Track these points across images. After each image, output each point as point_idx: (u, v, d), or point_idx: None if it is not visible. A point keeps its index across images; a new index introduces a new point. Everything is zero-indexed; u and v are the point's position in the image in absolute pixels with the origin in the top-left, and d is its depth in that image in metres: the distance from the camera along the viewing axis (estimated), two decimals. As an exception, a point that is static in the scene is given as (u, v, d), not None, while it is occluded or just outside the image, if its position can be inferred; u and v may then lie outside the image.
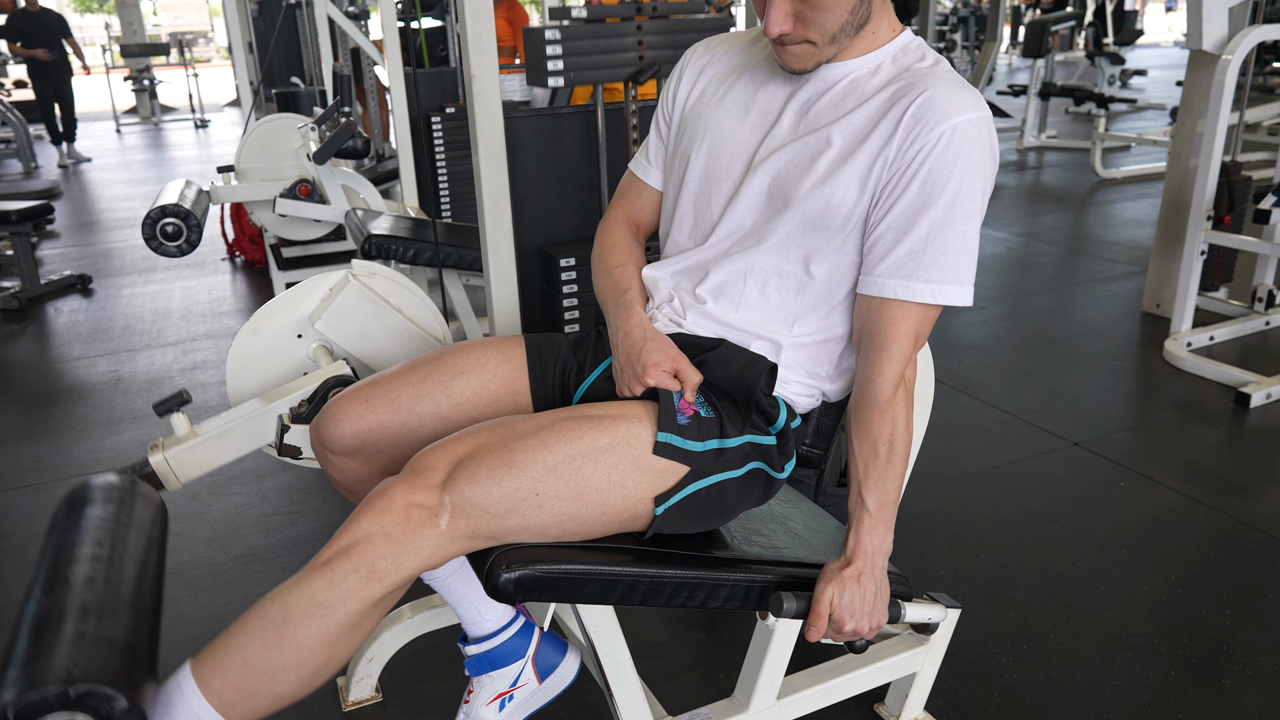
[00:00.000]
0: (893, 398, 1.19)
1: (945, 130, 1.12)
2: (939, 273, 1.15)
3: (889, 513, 1.22)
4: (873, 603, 1.22)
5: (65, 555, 1.20)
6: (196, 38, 20.86)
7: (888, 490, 1.21)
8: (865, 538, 1.21)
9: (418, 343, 2.01)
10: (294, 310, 1.97)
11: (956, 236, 1.14)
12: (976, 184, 1.14)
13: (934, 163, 1.13)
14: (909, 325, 1.18)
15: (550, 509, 1.14)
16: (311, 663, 1.08)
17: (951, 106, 1.13)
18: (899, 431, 1.20)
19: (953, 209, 1.14)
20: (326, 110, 3.55)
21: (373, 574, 1.06)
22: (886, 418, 1.19)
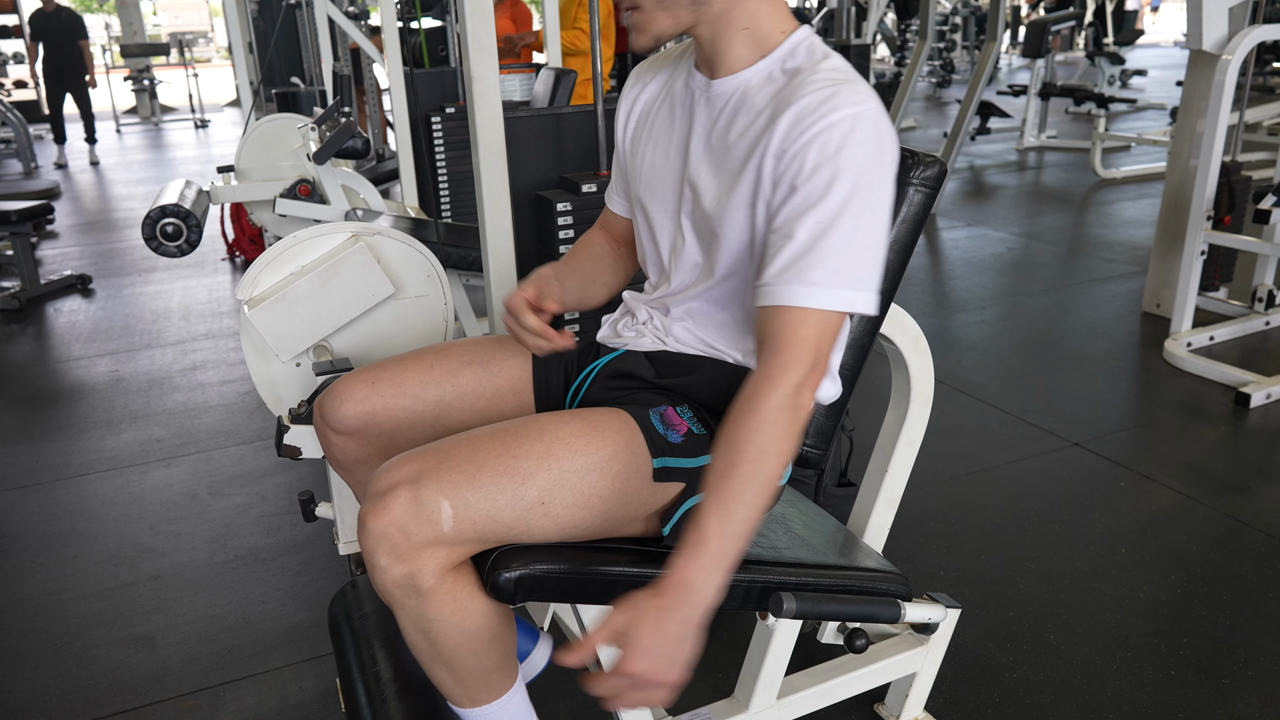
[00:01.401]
0: (777, 411, 1.04)
1: (821, 129, 1.06)
2: (827, 276, 1.05)
3: (730, 547, 1.03)
4: (673, 653, 1.01)
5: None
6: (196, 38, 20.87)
7: (736, 517, 1.03)
8: (689, 569, 1.02)
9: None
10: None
11: (842, 237, 1.05)
12: (862, 180, 1.05)
13: (813, 164, 1.06)
14: (801, 333, 1.06)
15: (555, 517, 1.15)
16: (478, 665, 1.18)
17: (827, 104, 1.06)
18: (770, 450, 1.04)
19: (839, 209, 1.05)
20: (326, 110, 3.55)
21: (405, 596, 1.11)
22: (761, 430, 1.04)
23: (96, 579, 2.23)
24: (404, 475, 1.10)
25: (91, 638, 2.01)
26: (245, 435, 2.98)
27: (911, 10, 10.63)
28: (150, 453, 2.89)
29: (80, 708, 1.81)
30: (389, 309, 2.01)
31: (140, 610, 2.10)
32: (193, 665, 1.91)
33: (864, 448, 1.88)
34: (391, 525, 1.07)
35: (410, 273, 2.01)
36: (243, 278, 1.93)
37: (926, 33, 6.32)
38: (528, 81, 4.57)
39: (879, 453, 1.65)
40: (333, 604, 1.60)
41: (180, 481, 2.70)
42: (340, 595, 1.60)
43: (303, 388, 1.99)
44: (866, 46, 5.00)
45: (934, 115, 10.21)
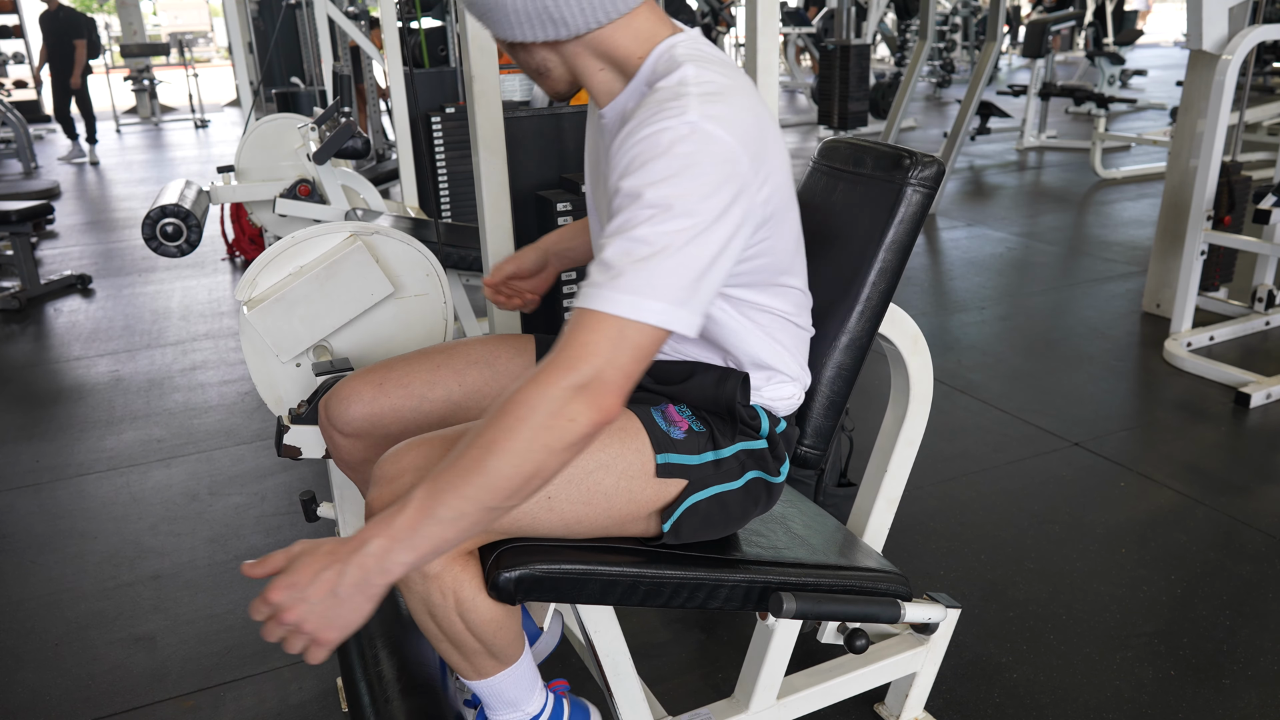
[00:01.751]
0: (532, 408, 0.95)
1: (631, 146, 1.02)
2: (621, 282, 0.97)
3: (428, 528, 0.95)
4: (319, 603, 0.95)
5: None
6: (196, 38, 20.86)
7: (444, 501, 0.95)
8: (374, 529, 0.96)
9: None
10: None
11: (641, 246, 0.97)
12: (663, 193, 0.98)
13: (623, 179, 1.01)
14: (587, 337, 0.97)
15: (559, 512, 1.16)
16: (484, 645, 1.19)
17: (646, 123, 1.02)
18: (503, 446, 0.94)
19: (639, 220, 0.98)
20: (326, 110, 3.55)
21: (412, 579, 1.12)
22: (503, 422, 0.95)
23: (96, 579, 2.23)
24: (411, 463, 1.11)
25: (91, 638, 2.01)
26: (245, 435, 2.98)
27: (911, 10, 10.62)
28: (150, 453, 2.89)
29: (80, 708, 1.81)
30: (389, 309, 2.01)
31: (140, 610, 2.10)
32: (193, 665, 1.91)
33: (864, 448, 1.88)
34: None
35: (410, 272, 2.01)
36: (242, 278, 1.93)
37: (926, 33, 6.32)
38: (528, 81, 4.57)
39: (878, 453, 1.65)
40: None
41: (180, 481, 2.70)
42: None
43: (303, 388, 1.98)
44: (866, 46, 5.01)
45: (934, 115, 10.21)
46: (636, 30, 1.12)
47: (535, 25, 1.09)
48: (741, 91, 1.08)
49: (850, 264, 1.39)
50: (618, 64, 1.14)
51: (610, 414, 0.98)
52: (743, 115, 1.04)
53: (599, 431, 0.98)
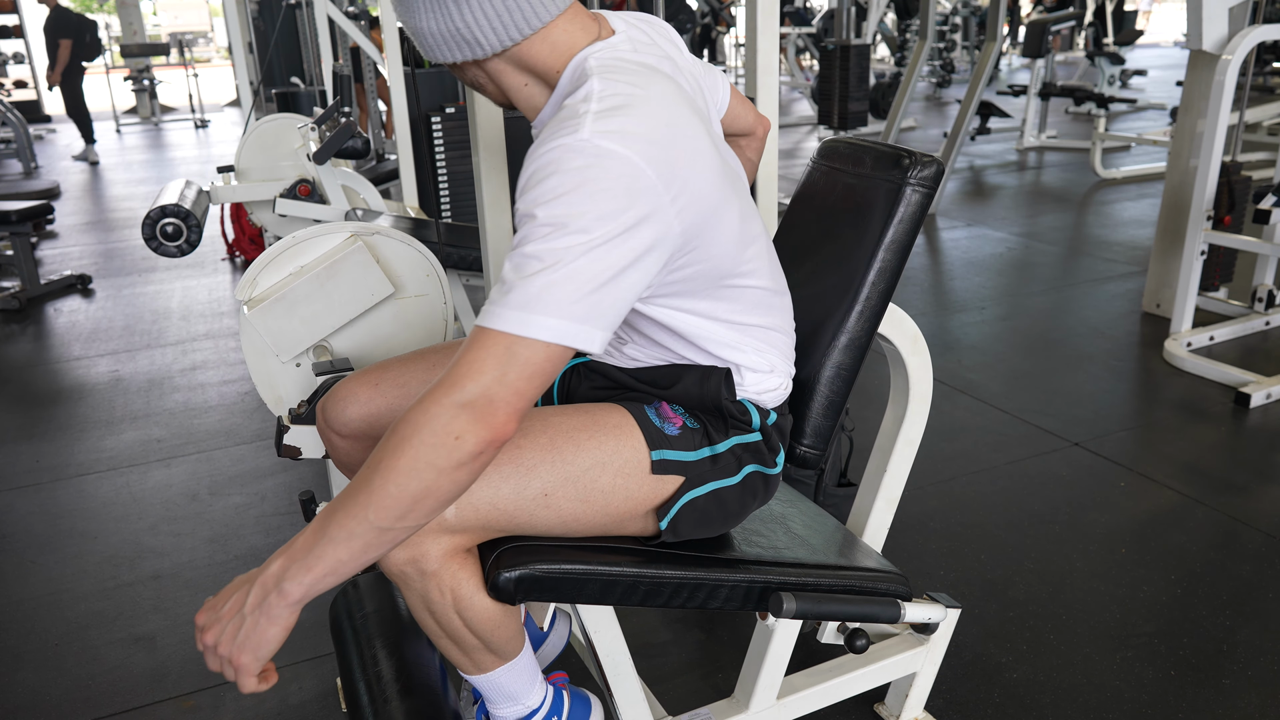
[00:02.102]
0: (415, 428, 0.93)
1: (528, 165, 1.01)
2: (510, 298, 0.95)
3: (322, 549, 0.94)
4: (229, 623, 0.97)
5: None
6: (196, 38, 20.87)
7: (334, 520, 0.95)
8: (280, 551, 0.97)
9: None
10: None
11: (533, 261, 0.95)
12: (554, 212, 0.96)
13: (522, 196, 1.00)
14: (478, 353, 0.95)
15: (557, 510, 1.16)
16: (484, 641, 1.20)
17: (543, 143, 1.00)
18: (386, 467, 0.93)
19: (531, 237, 0.97)
20: (326, 110, 3.55)
21: (410, 576, 1.13)
22: (391, 442, 0.94)
23: (96, 579, 2.23)
24: None
25: (91, 638, 2.01)
26: (245, 435, 2.98)
27: (911, 10, 10.62)
28: (150, 453, 2.89)
29: (80, 708, 1.81)
30: (389, 309, 2.01)
31: (140, 610, 2.10)
32: (193, 665, 1.91)
33: (864, 448, 1.88)
34: None
35: (410, 273, 2.01)
36: (242, 278, 1.93)
37: (926, 33, 6.32)
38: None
39: (878, 452, 1.65)
40: (334, 604, 1.60)
41: (180, 481, 2.70)
42: (341, 595, 1.60)
43: (303, 388, 1.98)
44: (866, 46, 5.00)
45: (934, 115, 10.21)
46: (554, 43, 1.10)
47: (452, 47, 1.08)
48: (648, 101, 1.04)
49: (849, 263, 1.39)
50: (540, 77, 1.13)
51: (501, 432, 0.95)
52: (645, 126, 1.01)
53: (491, 449, 0.95)
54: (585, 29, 1.12)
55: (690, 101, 1.12)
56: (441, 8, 1.05)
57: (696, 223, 1.06)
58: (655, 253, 1.02)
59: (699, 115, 1.11)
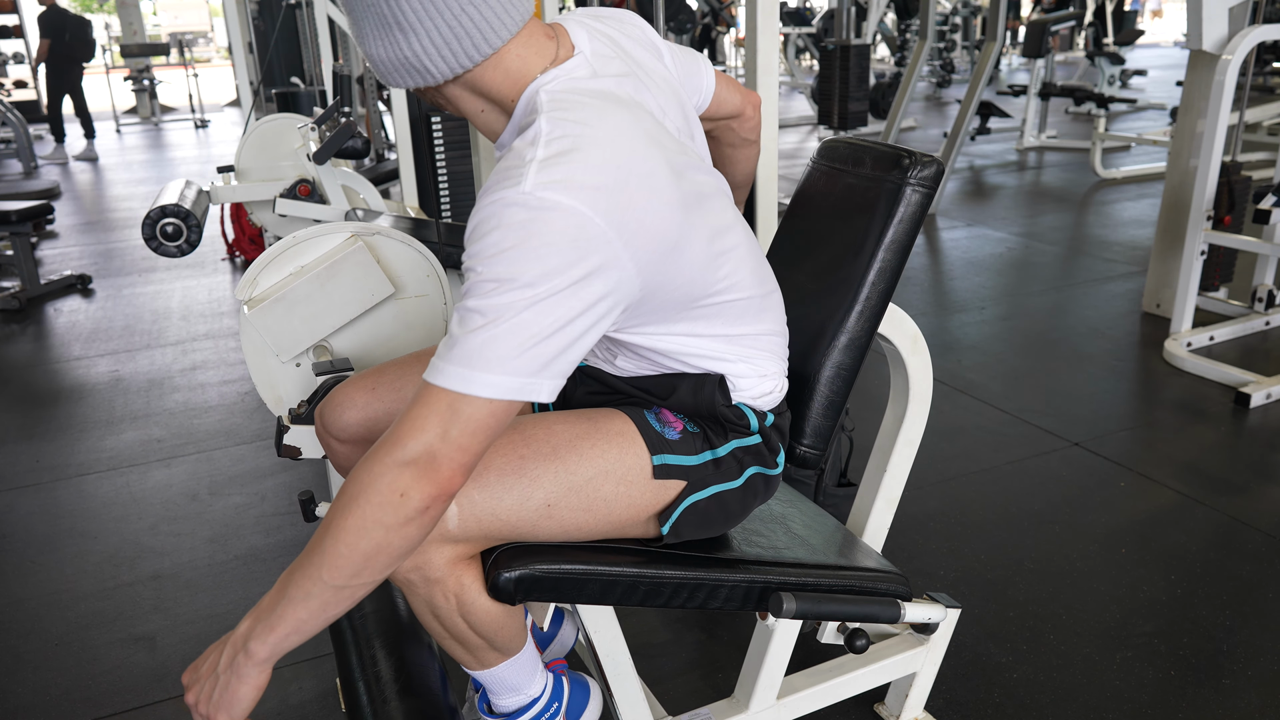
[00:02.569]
0: (364, 486, 0.94)
1: (475, 210, 0.99)
2: (453, 354, 0.94)
3: (284, 609, 0.97)
4: (206, 681, 1.00)
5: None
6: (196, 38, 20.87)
7: (292, 580, 0.97)
8: (250, 615, 1.00)
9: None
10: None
11: (475, 317, 0.94)
12: (494, 270, 0.94)
13: (467, 247, 0.98)
14: (423, 410, 0.95)
15: (559, 519, 1.16)
16: (487, 641, 1.21)
17: (485, 194, 0.98)
18: (336, 527, 0.94)
19: (482, 291, 0.94)
20: (326, 110, 3.55)
21: (415, 583, 1.13)
22: (340, 501, 0.96)
23: (96, 579, 2.23)
24: None
25: (91, 638, 2.01)
26: (245, 435, 2.98)
27: (911, 10, 10.62)
28: (150, 453, 2.89)
29: (80, 707, 1.81)
30: (389, 309, 2.01)
31: (140, 610, 2.10)
32: (193, 665, 1.91)
33: (864, 448, 1.88)
34: None
35: (410, 273, 2.01)
36: (242, 278, 1.93)
37: (926, 33, 6.32)
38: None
39: (878, 452, 1.65)
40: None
41: (180, 481, 2.70)
42: None
43: (303, 388, 1.98)
44: (866, 46, 5.00)
45: (934, 115, 10.21)
46: (507, 69, 1.07)
47: (404, 74, 1.07)
48: (597, 143, 0.99)
49: (849, 263, 1.39)
50: (496, 103, 1.11)
51: (447, 487, 0.95)
52: (592, 173, 0.97)
53: (439, 503, 0.96)
54: (540, 51, 1.08)
55: (648, 130, 1.06)
56: (389, 37, 1.03)
57: (655, 261, 1.03)
58: (609, 299, 0.99)
59: (658, 142, 1.06)
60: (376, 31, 1.03)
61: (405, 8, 1.00)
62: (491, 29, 1.04)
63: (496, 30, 1.04)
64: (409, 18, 1.01)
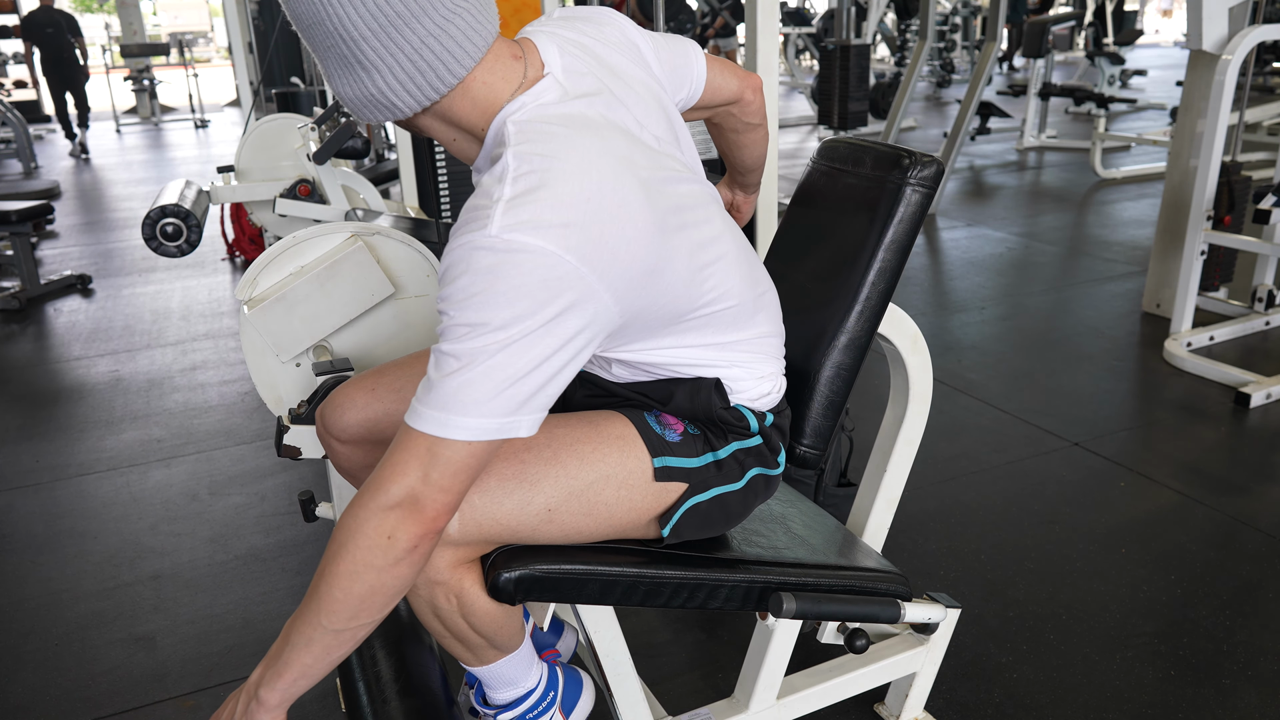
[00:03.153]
0: (353, 532, 0.96)
1: (446, 252, 0.98)
2: (430, 397, 0.95)
3: (285, 656, 1.00)
4: None
5: None
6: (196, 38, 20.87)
7: (294, 627, 1.00)
8: (262, 663, 1.03)
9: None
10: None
11: (450, 360, 0.94)
12: (467, 315, 0.93)
13: (440, 289, 0.98)
14: (404, 455, 0.96)
15: (560, 523, 1.16)
16: (488, 640, 1.22)
17: (461, 229, 0.97)
18: (329, 573, 0.97)
19: (456, 335, 0.94)
20: (326, 110, 3.55)
21: (417, 584, 1.14)
22: (331, 548, 0.98)
23: (96, 579, 2.23)
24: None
25: (91, 638, 2.01)
26: (245, 435, 2.98)
27: (911, 10, 10.62)
28: (150, 453, 2.89)
29: (80, 707, 1.81)
30: (389, 309, 2.01)
31: (140, 610, 2.10)
32: (193, 665, 1.91)
33: (864, 448, 1.88)
34: None
35: (410, 273, 2.01)
36: (242, 278, 1.93)
37: (926, 33, 6.32)
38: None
39: (878, 452, 1.65)
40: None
41: (180, 481, 2.70)
42: None
43: (303, 388, 1.99)
44: (866, 46, 5.00)
45: (934, 115, 10.21)
46: (474, 98, 1.06)
47: (373, 110, 1.06)
48: (564, 176, 0.97)
49: (849, 263, 1.39)
50: (468, 131, 1.10)
51: (433, 525, 0.97)
52: (560, 210, 0.95)
53: (428, 541, 0.98)
54: (507, 76, 1.06)
55: (619, 154, 1.03)
56: (353, 75, 1.02)
57: (633, 289, 1.02)
58: (586, 333, 0.98)
59: (629, 166, 1.03)
60: (340, 71, 1.02)
61: (365, 47, 0.99)
62: (454, 58, 1.02)
63: (460, 59, 1.02)
64: (369, 56, 1.00)
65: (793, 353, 1.38)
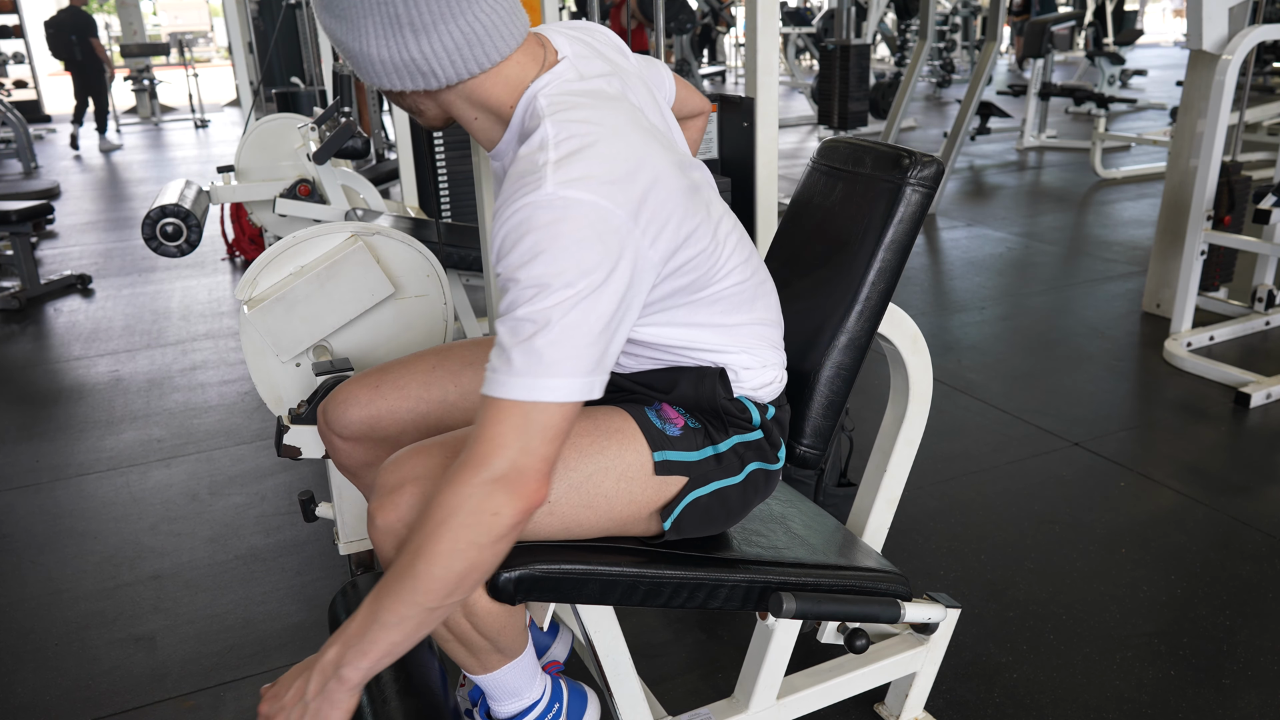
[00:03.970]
0: (452, 510, 0.96)
1: (499, 229, 1.00)
2: (514, 366, 0.96)
3: (375, 633, 0.99)
4: (298, 712, 1.02)
5: None
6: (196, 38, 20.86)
7: (384, 606, 0.99)
8: (332, 639, 1.02)
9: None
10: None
11: (526, 325, 0.96)
12: (534, 274, 0.96)
13: (499, 262, 1.00)
14: (497, 428, 0.97)
15: (560, 515, 1.16)
16: (490, 643, 1.21)
17: (508, 203, 0.99)
18: (429, 550, 0.96)
19: (525, 299, 0.97)
20: (326, 110, 3.55)
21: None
22: (426, 526, 0.97)
23: (96, 579, 2.23)
24: (412, 472, 1.11)
25: (91, 638, 2.01)
26: (245, 435, 2.99)
27: (911, 10, 10.62)
28: (150, 453, 2.89)
29: (80, 707, 1.81)
30: (389, 309, 2.01)
31: (140, 610, 2.10)
32: (193, 665, 1.91)
33: (864, 448, 1.88)
34: (399, 522, 1.10)
35: (410, 273, 2.01)
36: (242, 278, 1.93)
37: (926, 33, 6.32)
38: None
39: (878, 452, 1.65)
40: (333, 604, 1.60)
41: (180, 481, 2.70)
42: (341, 595, 1.60)
43: (303, 388, 1.98)
44: (866, 46, 5.00)
45: (934, 115, 10.21)
46: (507, 77, 1.09)
47: (404, 77, 1.06)
48: (603, 138, 1.02)
49: (849, 263, 1.39)
50: (492, 111, 1.12)
51: (535, 500, 0.99)
52: (605, 166, 1.00)
53: (527, 516, 0.99)
54: (534, 58, 1.11)
55: (641, 120, 1.10)
56: (398, 37, 1.02)
57: (670, 244, 1.07)
58: (636, 284, 1.02)
59: (653, 134, 1.09)
60: (382, 30, 1.03)
61: (422, 8, 1.01)
62: (502, 38, 1.06)
63: (506, 40, 1.07)
64: (424, 19, 1.01)
65: (792, 352, 1.38)
